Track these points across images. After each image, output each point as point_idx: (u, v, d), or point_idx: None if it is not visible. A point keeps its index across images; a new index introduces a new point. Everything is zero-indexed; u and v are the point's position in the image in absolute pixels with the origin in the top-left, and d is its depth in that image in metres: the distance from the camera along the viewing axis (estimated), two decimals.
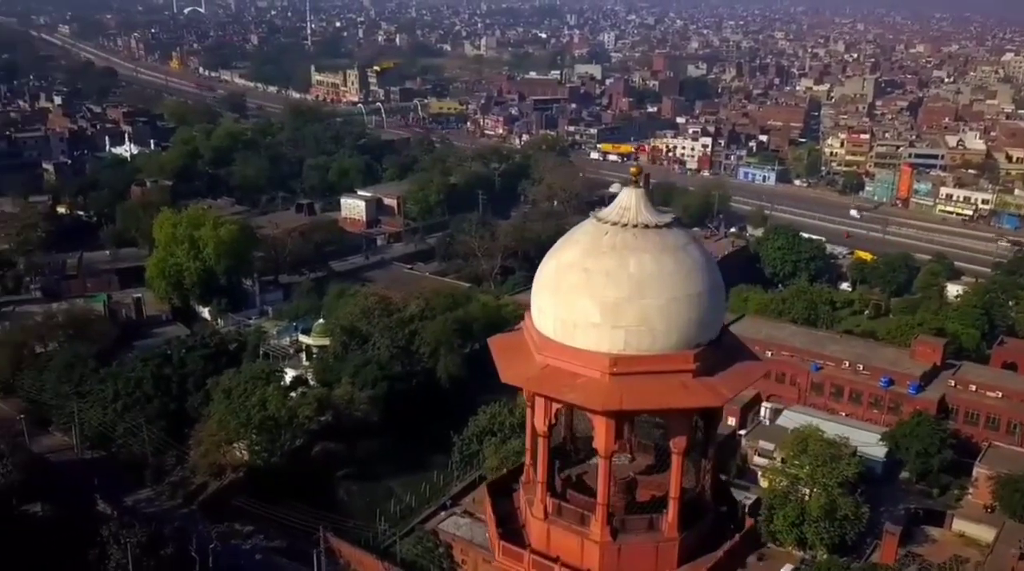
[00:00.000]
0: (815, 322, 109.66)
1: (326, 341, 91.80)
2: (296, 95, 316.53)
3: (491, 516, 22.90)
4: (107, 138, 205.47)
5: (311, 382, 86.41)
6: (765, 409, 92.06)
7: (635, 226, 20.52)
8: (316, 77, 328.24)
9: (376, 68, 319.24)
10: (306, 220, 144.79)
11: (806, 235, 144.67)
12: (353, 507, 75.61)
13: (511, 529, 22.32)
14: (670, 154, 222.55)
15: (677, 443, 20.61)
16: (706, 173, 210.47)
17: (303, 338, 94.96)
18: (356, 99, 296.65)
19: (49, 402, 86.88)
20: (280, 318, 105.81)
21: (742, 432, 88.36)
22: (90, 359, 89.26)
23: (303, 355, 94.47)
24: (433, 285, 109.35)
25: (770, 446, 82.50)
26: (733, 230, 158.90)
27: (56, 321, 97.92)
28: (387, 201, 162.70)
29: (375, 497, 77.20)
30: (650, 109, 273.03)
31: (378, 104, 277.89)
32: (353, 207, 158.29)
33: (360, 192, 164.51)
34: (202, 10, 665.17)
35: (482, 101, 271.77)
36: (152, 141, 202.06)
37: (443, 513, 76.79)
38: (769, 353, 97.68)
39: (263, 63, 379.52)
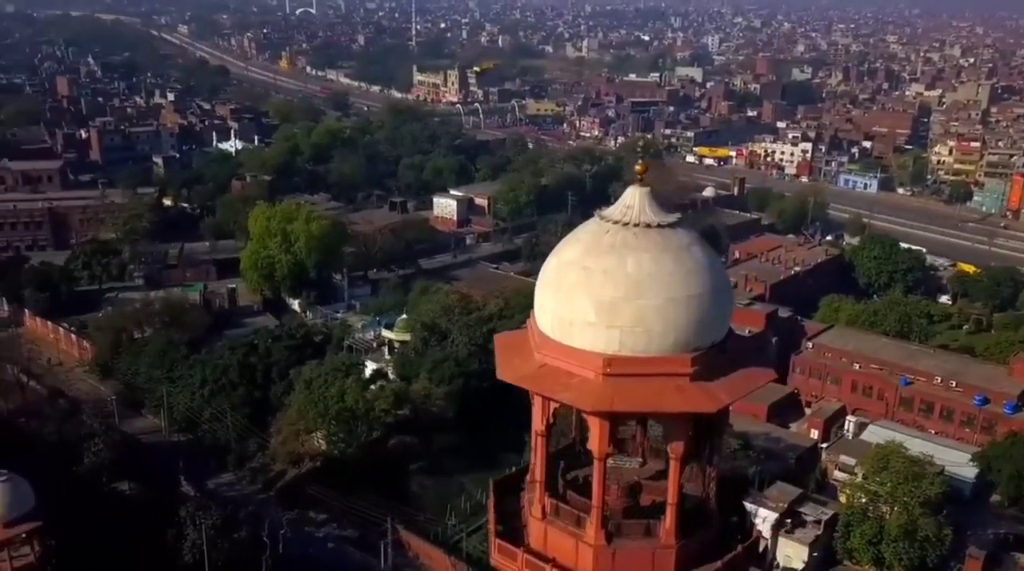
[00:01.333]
0: (908, 335, 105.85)
1: (407, 337, 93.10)
2: (398, 95, 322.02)
3: (492, 513, 22.96)
4: (214, 134, 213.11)
5: (390, 376, 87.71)
6: (850, 423, 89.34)
7: (636, 225, 20.22)
8: (417, 77, 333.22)
9: (476, 69, 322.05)
10: (398, 218, 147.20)
11: (905, 245, 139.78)
12: (425, 501, 76.43)
13: (512, 528, 22.32)
14: (768, 159, 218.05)
15: (674, 448, 20.28)
16: (805, 179, 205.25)
17: (385, 333, 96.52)
18: (455, 99, 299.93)
19: (142, 385, 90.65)
20: (366, 313, 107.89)
21: (824, 445, 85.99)
22: (182, 346, 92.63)
23: (385, 349, 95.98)
24: (515, 285, 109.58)
25: (851, 461, 79.92)
26: (829, 238, 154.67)
27: (153, 308, 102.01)
28: (478, 201, 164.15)
29: (447, 492, 77.80)
30: (750, 113, 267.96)
31: (476, 105, 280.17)
32: (445, 206, 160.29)
33: (452, 191, 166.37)
34: (313, 11, 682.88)
35: (579, 103, 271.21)
36: (256, 137, 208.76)
37: None
38: (856, 365, 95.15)
39: (368, 63, 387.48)
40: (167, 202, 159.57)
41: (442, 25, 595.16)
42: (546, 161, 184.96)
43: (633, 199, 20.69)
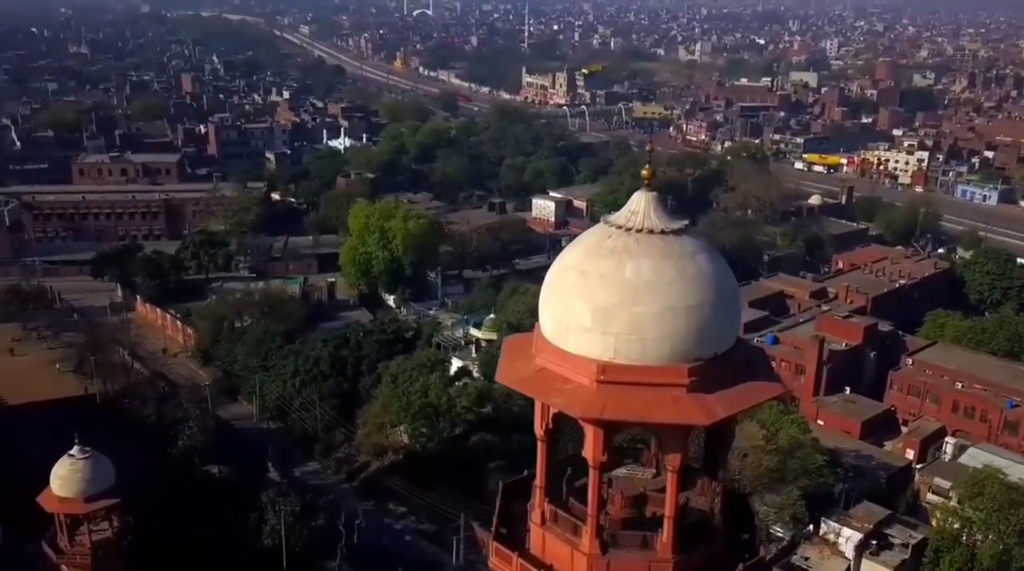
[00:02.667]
0: (1019, 356, 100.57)
1: (494, 336, 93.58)
2: (507, 96, 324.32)
3: (496, 516, 22.90)
4: (325, 131, 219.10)
5: (475, 374, 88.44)
6: (948, 444, 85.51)
7: (639, 230, 19.74)
8: (526, 79, 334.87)
9: (584, 71, 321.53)
10: (496, 218, 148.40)
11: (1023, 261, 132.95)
12: None
13: (516, 532, 22.20)
14: (881, 167, 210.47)
15: (671, 460, 19.75)
16: (919, 189, 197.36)
17: (473, 331, 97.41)
18: (562, 101, 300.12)
19: (238, 373, 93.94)
20: (456, 311, 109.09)
21: (919, 467, 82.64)
22: (278, 336, 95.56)
23: (472, 348, 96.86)
24: None
25: (946, 484, 76.52)
26: (940, 251, 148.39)
27: (253, 299, 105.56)
28: (577, 203, 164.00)
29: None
30: (864, 119, 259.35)
31: (583, 107, 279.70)
32: (543, 207, 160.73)
33: (551, 193, 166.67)
34: (430, 12, 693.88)
35: (687, 106, 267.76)
36: (365, 135, 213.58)
37: None
38: (959, 384, 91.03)
39: (478, 64, 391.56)
40: (276, 196, 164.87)
41: (555, 27, 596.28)
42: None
43: (639, 204, 20.30)
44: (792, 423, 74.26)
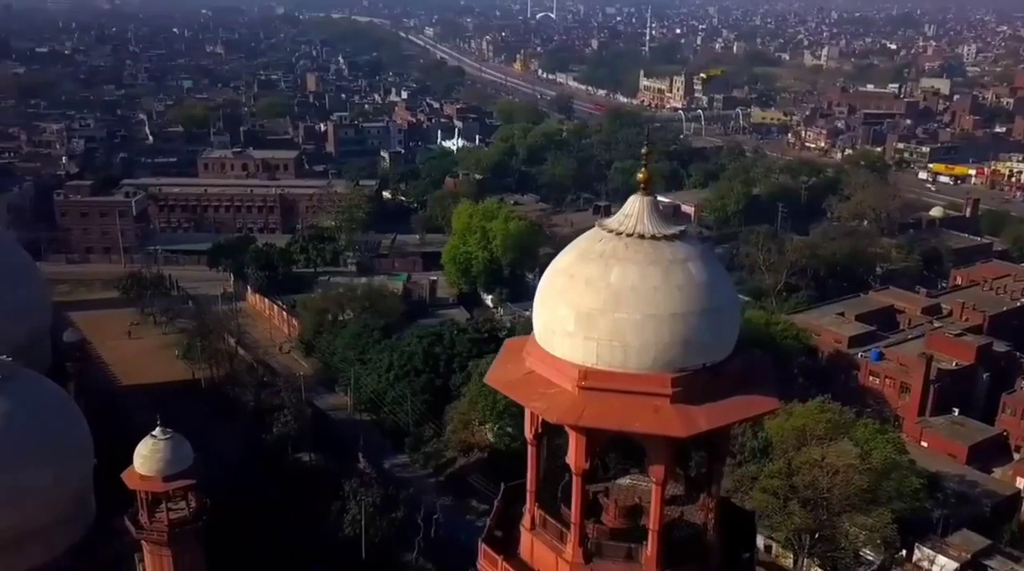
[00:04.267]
0: None
1: None
2: (623, 99, 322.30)
3: (492, 517, 22.75)
4: (439, 131, 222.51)
5: None
6: None
7: (630, 235, 19.23)
8: (644, 82, 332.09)
9: (703, 75, 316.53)
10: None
11: None
12: None
13: (511, 536, 22.00)
14: (1013, 180, 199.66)
15: (655, 471, 19.22)
16: None
17: None
18: (679, 105, 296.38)
19: (337, 364, 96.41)
20: None
21: None
22: (376, 330, 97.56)
23: None
24: None
25: None
26: None
27: (356, 293, 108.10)
28: (685, 208, 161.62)
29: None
30: (998, 129, 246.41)
31: (699, 111, 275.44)
32: None
33: (660, 198, 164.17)
34: (553, 15, 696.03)
35: (807, 112, 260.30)
36: (478, 137, 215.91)
37: None
38: None
39: (597, 67, 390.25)
40: (387, 195, 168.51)
41: (677, 31, 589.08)
42: (760, 170, 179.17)
43: (633, 208, 19.84)
44: (888, 442, 71.37)
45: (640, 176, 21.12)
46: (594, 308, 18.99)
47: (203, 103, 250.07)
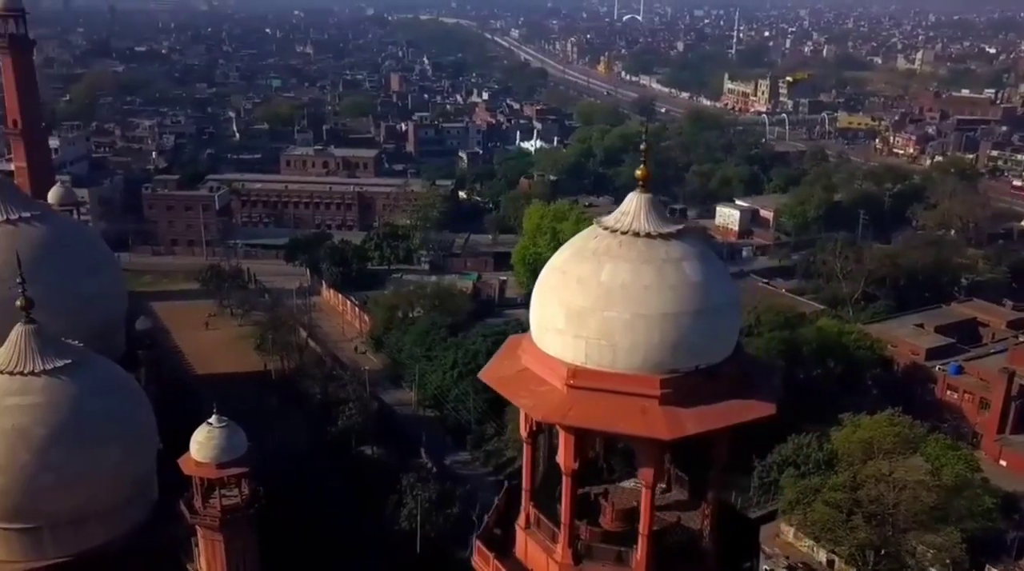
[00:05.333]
0: None
1: None
2: (706, 102, 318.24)
3: (491, 514, 22.60)
4: (518, 133, 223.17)
5: None
6: None
7: (625, 233, 18.73)
8: (728, 85, 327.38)
9: (788, 79, 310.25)
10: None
11: None
12: None
13: (508, 534, 21.78)
14: None
15: (644, 474, 18.75)
16: None
17: None
18: (763, 109, 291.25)
19: (403, 361, 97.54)
20: None
21: None
22: (443, 328, 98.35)
23: None
24: (777, 302, 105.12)
25: None
26: None
27: (425, 291, 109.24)
28: (763, 213, 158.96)
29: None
30: None
31: (783, 115, 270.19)
32: (728, 216, 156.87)
33: (738, 202, 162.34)
34: (639, 18, 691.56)
35: (896, 118, 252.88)
36: (556, 138, 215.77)
37: None
38: None
39: (681, 69, 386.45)
40: (462, 194, 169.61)
41: (766, 33, 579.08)
42: (843, 176, 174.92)
43: (631, 205, 19.35)
44: (959, 459, 69.00)
45: (638, 173, 20.78)
46: (584, 306, 18.73)
47: (289, 102, 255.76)
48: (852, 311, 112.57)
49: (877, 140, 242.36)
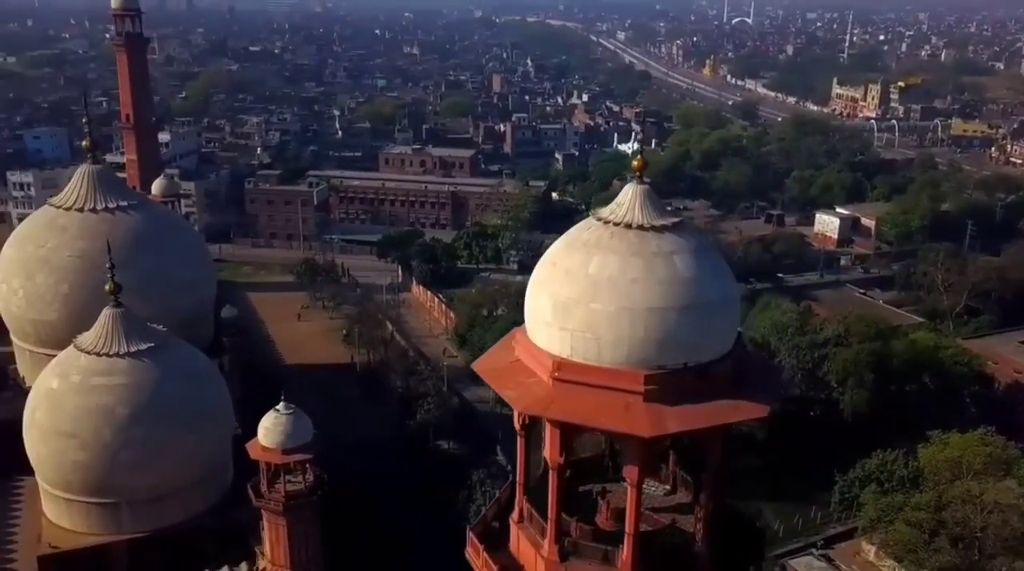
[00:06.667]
0: None
1: None
2: (813, 107, 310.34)
3: (490, 506, 22.42)
4: (616, 135, 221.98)
5: None
6: None
7: (617, 224, 18.24)
8: (836, 90, 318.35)
9: (900, 84, 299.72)
10: (770, 230, 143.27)
11: None
12: None
13: (505, 528, 21.57)
14: None
15: (629, 472, 18.21)
16: None
17: None
18: (872, 115, 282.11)
19: None
20: None
21: None
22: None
23: None
24: (872, 312, 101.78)
25: None
26: None
27: (510, 290, 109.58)
28: (865, 221, 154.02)
29: (739, 513, 75.09)
30: None
31: (893, 121, 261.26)
32: (827, 224, 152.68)
33: (838, 209, 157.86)
34: (749, 21, 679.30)
35: (1015, 125, 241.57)
36: (654, 141, 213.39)
37: (815, 551, 72.86)
38: None
39: (789, 73, 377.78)
40: (555, 195, 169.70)
41: (881, 37, 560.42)
42: (952, 185, 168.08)
43: (626, 196, 18.81)
44: None
45: (635, 163, 20.26)
46: (570, 298, 18.50)
47: (392, 101, 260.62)
48: (952, 325, 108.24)
49: (993, 149, 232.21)
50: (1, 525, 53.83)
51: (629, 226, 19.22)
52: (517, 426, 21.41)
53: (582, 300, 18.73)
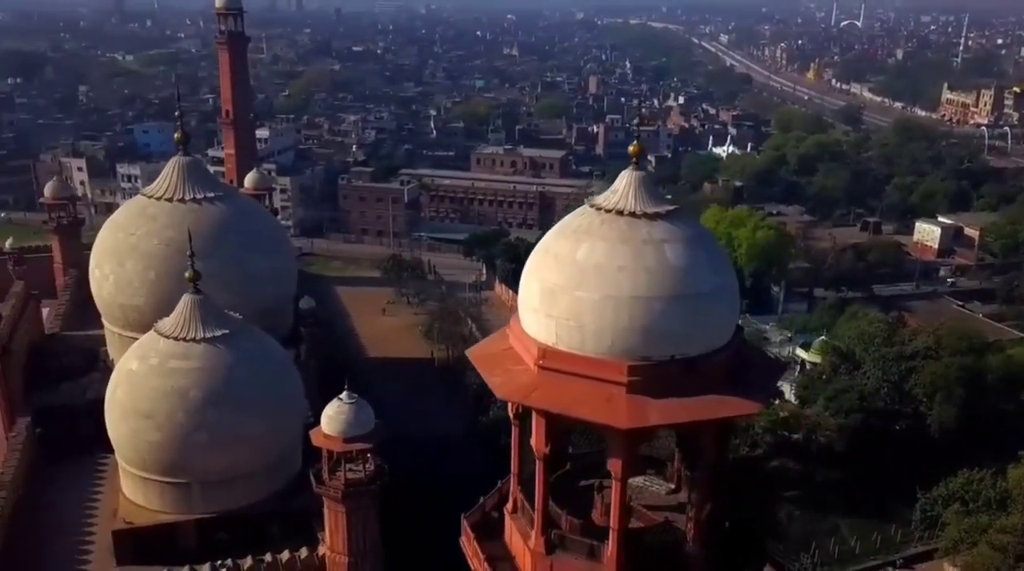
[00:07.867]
0: None
1: (818, 359, 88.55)
2: (921, 113, 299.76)
3: (487, 497, 22.10)
4: (711, 138, 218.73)
5: (788, 396, 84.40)
6: None
7: (610, 210, 17.55)
8: (946, 95, 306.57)
9: (1016, 89, 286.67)
10: (866, 238, 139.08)
11: None
12: (789, 531, 72.75)
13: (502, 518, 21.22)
14: None
15: (612, 465, 17.59)
16: None
17: (799, 351, 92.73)
18: (983, 121, 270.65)
19: None
20: (791, 328, 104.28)
21: None
22: None
23: (797, 368, 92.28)
24: (969, 325, 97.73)
25: None
26: None
27: None
28: (968, 231, 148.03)
29: (816, 528, 73.27)
30: None
31: (1006, 128, 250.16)
32: (927, 233, 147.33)
33: (940, 218, 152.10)
34: (858, 23, 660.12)
35: None
36: (750, 144, 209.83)
37: (890, 569, 70.50)
38: None
39: (897, 78, 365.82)
40: None
41: (999, 41, 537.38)
42: None
43: (621, 183, 18.09)
44: None
45: (632, 149, 19.55)
46: (556, 284, 18.03)
47: (487, 101, 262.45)
48: None
49: None
50: (84, 500, 56.13)
51: (621, 213, 18.66)
52: (511, 415, 21.28)
53: (568, 287, 18.31)
